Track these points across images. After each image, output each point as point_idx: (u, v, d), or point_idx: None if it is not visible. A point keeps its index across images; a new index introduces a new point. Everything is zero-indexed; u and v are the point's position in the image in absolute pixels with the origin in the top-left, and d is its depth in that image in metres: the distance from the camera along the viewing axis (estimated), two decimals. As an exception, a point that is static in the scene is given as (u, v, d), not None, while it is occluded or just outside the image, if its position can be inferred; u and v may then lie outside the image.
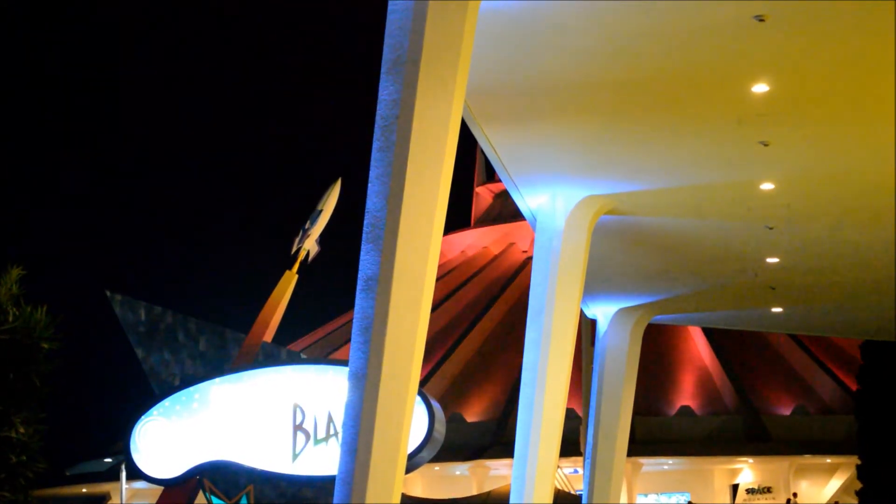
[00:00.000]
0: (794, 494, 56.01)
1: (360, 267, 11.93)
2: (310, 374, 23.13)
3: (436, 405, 22.58)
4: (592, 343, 29.66)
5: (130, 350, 23.94)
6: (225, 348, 23.71)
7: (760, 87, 15.22)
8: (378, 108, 11.93)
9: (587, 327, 33.78)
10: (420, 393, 21.21)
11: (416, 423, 21.44)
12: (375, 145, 11.92)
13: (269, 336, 24.21)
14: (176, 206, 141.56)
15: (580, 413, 41.21)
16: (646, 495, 61.87)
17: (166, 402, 23.32)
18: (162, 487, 23.65)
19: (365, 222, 11.94)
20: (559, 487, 49.66)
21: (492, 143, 17.31)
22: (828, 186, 19.77)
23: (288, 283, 24.99)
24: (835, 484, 60.23)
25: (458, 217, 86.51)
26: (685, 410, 62.07)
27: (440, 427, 22.53)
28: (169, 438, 23.15)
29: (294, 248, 25.28)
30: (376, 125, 11.92)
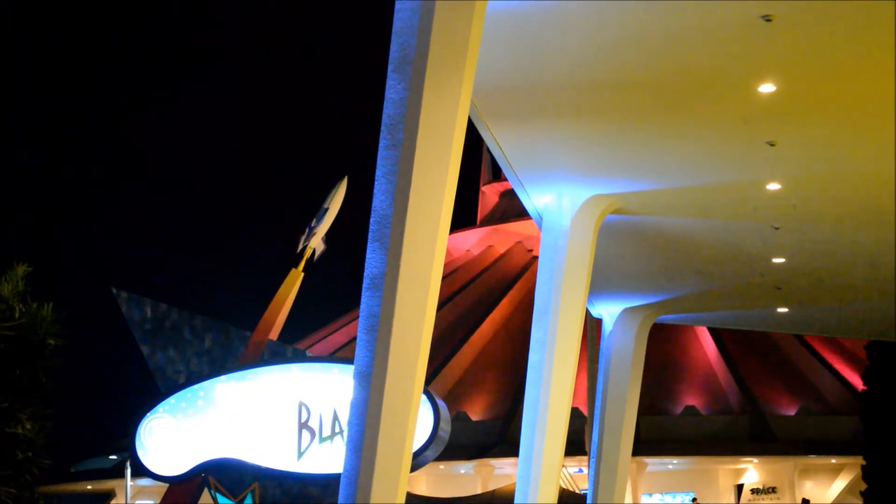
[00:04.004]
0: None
1: (366, 265, 11.93)
2: (315, 373, 23.15)
3: (441, 404, 22.59)
4: (598, 342, 29.66)
5: (136, 347, 23.97)
6: (230, 346, 23.73)
7: (767, 87, 15.21)
8: (385, 106, 11.94)
9: (593, 327, 33.78)
10: (425, 391, 21.22)
11: (421, 422, 21.43)
12: (382, 144, 11.92)
13: (274, 334, 24.23)
14: (182, 203, 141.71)
15: (585, 412, 41.22)
16: (650, 495, 61.86)
17: (172, 400, 23.36)
18: (167, 485, 23.69)
19: (371, 221, 11.95)
20: (564, 486, 49.68)
21: (498, 141, 17.31)
22: (834, 187, 19.75)
23: (294, 281, 25.02)
24: (839, 484, 60.20)
25: (464, 216, 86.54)
26: (690, 410, 62.06)
27: (445, 426, 22.55)
28: (174, 436, 23.18)
29: (300, 246, 25.30)
30: (383, 123, 11.93)
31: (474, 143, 17.09)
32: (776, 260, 23.84)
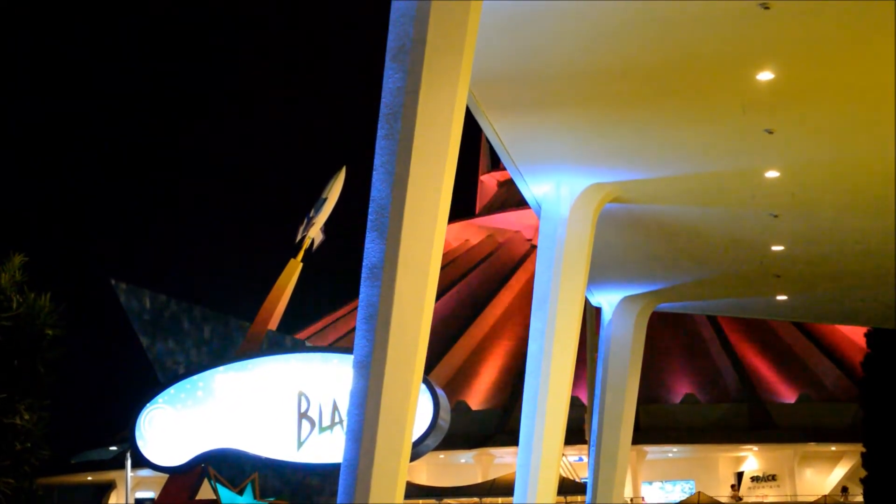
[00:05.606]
0: None
1: (365, 255, 11.92)
2: (315, 362, 23.10)
3: (440, 393, 22.55)
4: (597, 331, 29.64)
5: (135, 338, 23.94)
6: (230, 336, 23.69)
7: (765, 75, 15.19)
8: (382, 96, 11.91)
9: (592, 316, 33.77)
10: (425, 381, 21.20)
11: (420, 411, 21.37)
12: (380, 133, 11.90)
13: (273, 324, 24.19)
14: (181, 193, 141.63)
15: (585, 401, 41.23)
16: (650, 483, 61.92)
17: (171, 391, 23.33)
18: (167, 475, 23.68)
19: (370, 210, 11.93)
20: (564, 475, 49.71)
21: (496, 130, 17.28)
22: (833, 174, 19.73)
23: (293, 272, 24.96)
24: (839, 472, 60.24)
25: (463, 205, 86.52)
26: (690, 398, 62.09)
27: (445, 415, 22.50)
28: (174, 426, 23.16)
29: (299, 237, 25.24)
30: (381, 113, 11.91)
31: (473, 132, 17.07)
32: (775, 247, 23.82)
